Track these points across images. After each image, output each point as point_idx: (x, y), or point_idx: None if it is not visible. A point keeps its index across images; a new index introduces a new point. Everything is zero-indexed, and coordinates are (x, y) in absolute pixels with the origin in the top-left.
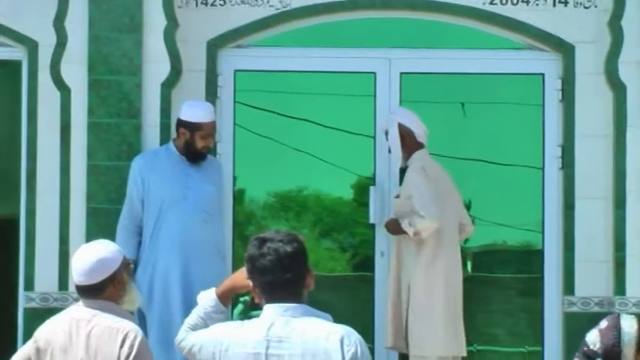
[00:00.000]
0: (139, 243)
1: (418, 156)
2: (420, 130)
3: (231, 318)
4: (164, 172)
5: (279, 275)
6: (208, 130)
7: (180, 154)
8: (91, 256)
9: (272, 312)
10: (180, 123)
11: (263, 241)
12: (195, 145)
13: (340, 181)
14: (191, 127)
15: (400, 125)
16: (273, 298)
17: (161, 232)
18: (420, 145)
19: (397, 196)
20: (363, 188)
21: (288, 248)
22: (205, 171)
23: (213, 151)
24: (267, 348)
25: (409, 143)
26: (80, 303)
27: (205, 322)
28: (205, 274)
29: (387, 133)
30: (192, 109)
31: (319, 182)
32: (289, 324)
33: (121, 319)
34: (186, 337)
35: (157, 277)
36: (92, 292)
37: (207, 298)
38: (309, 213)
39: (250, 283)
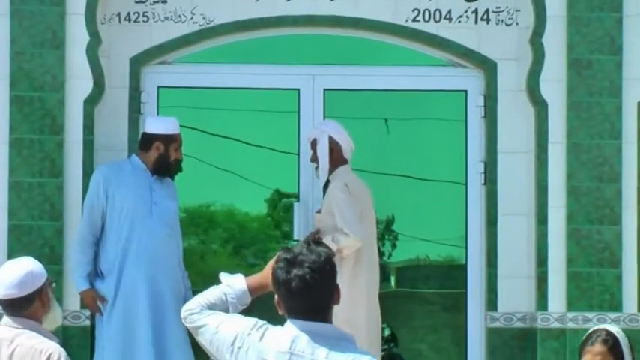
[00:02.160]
0: (95, 253)
1: (342, 172)
2: (347, 146)
3: None
4: (130, 185)
5: (305, 301)
6: (180, 140)
7: (146, 169)
8: (20, 270)
9: (296, 327)
10: (155, 137)
11: (291, 265)
12: (169, 158)
13: (258, 198)
14: (166, 139)
15: (330, 138)
16: (299, 317)
17: (131, 245)
18: (344, 161)
19: (319, 211)
20: (280, 205)
21: (316, 275)
22: (166, 187)
23: None
24: None
25: (336, 157)
26: (1, 322)
27: (225, 307)
28: (171, 289)
29: (314, 144)
30: (164, 122)
31: (237, 199)
32: (313, 342)
33: (45, 339)
34: (200, 313)
35: (122, 288)
36: (18, 307)
37: (235, 287)
38: (220, 228)
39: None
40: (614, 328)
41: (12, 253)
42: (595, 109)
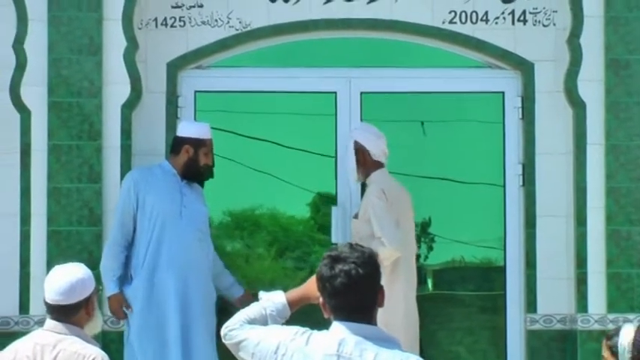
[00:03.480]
0: (127, 258)
1: (377, 177)
2: (376, 149)
3: None
4: (160, 188)
5: (350, 298)
6: (210, 146)
7: (177, 173)
8: (71, 276)
9: (342, 329)
10: (184, 140)
11: (335, 261)
12: (198, 162)
13: (300, 201)
14: (195, 143)
15: (356, 142)
16: (344, 318)
17: (161, 249)
18: (378, 164)
19: (355, 216)
20: (322, 207)
21: (361, 270)
22: (196, 191)
23: None
24: None
25: (364, 161)
26: (44, 327)
27: (265, 322)
28: (201, 293)
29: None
30: (194, 126)
31: (282, 202)
32: (361, 344)
33: (87, 344)
34: (241, 328)
35: (155, 292)
36: (64, 313)
37: (275, 300)
38: (264, 231)
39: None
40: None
41: (51, 259)
42: (634, 110)
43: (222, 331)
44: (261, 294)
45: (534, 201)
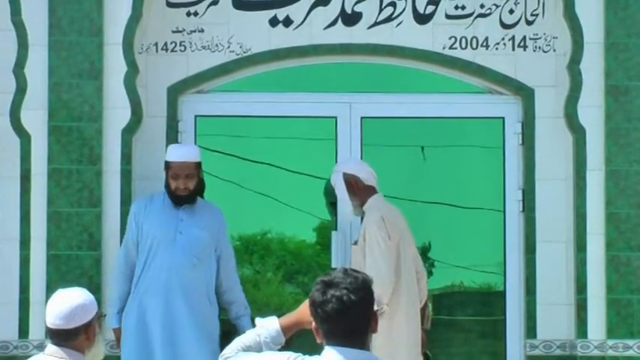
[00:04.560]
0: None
1: (374, 202)
2: (365, 174)
3: None
4: (156, 215)
5: (342, 324)
6: (176, 169)
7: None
8: (72, 301)
9: (334, 354)
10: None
11: (328, 286)
12: (169, 187)
13: (303, 225)
14: (165, 167)
15: (344, 174)
16: (336, 343)
17: (148, 273)
18: (371, 190)
19: (355, 243)
20: (325, 231)
21: (353, 297)
22: (199, 216)
23: None
24: None
25: (357, 189)
26: (45, 351)
27: (260, 348)
28: (192, 319)
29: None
30: (169, 149)
31: (282, 226)
32: None
33: None
34: (236, 356)
35: (142, 319)
36: (65, 338)
37: (269, 327)
38: (273, 256)
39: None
40: None
41: (50, 283)
42: (633, 136)
43: (219, 358)
44: (257, 320)
45: (534, 226)
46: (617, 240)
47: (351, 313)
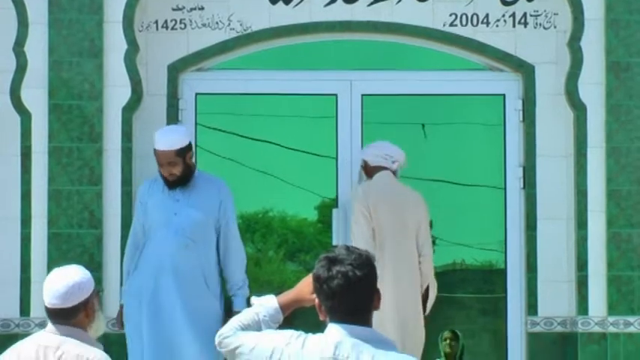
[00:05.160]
0: None
1: (374, 179)
2: (371, 157)
3: None
4: (157, 196)
5: (346, 300)
6: (158, 157)
7: None
8: (68, 280)
9: (338, 332)
10: None
11: (332, 263)
12: (160, 171)
13: (304, 203)
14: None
15: (362, 160)
16: (340, 319)
17: (143, 254)
18: (379, 169)
19: None
20: (326, 209)
21: (358, 272)
22: (196, 195)
23: None
24: None
25: (367, 171)
26: (46, 329)
27: (259, 327)
28: (181, 300)
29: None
30: (155, 135)
31: (283, 204)
32: (357, 347)
33: (90, 346)
34: (235, 335)
35: (134, 298)
36: (64, 316)
37: (267, 305)
38: (275, 234)
39: (316, 298)
40: None
41: (51, 261)
42: (634, 112)
43: (217, 339)
44: (254, 299)
45: (535, 204)
46: (617, 217)
47: (356, 290)
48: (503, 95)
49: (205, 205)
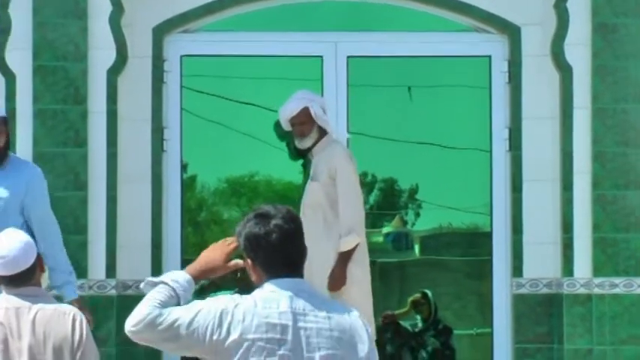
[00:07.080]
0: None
1: (332, 140)
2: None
3: None
4: None
5: (287, 253)
6: None
7: None
8: (19, 242)
9: (283, 286)
10: None
11: (266, 218)
12: None
13: (289, 167)
14: None
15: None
16: (278, 274)
17: None
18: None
19: (313, 178)
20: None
21: (292, 225)
22: (3, 175)
23: (159, 135)
24: (295, 321)
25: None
26: (4, 293)
27: (177, 302)
28: None
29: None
30: None
31: (269, 167)
32: (310, 299)
33: (58, 303)
34: (163, 312)
35: None
36: (25, 278)
37: (179, 279)
38: (261, 198)
39: (239, 262)
40: None
41: None
42: (620, 73)
43: (133, 328)
44: (164, 276)
45: (521, 166)
46: (603, 178)
47: (294, 241)
48: (489, 57)
49: (10, 186)
